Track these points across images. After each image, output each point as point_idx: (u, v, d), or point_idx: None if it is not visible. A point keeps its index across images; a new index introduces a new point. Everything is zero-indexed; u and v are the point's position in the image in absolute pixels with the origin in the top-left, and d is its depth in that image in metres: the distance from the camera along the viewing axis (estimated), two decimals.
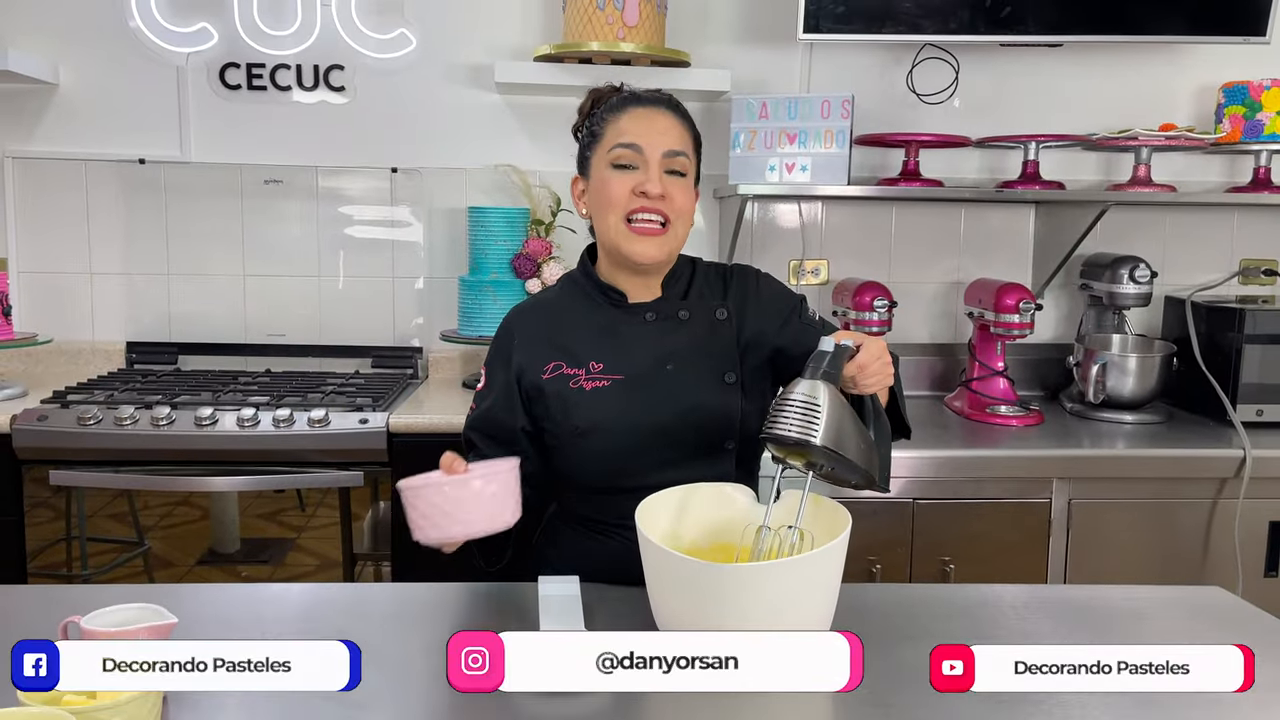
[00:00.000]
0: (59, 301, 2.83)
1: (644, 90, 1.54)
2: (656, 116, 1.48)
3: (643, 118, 1.47)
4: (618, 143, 1.46)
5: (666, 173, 1.46)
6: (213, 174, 2.81)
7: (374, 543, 2.37)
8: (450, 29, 2.79)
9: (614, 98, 1.53)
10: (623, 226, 1.45)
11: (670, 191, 1.45)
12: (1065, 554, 2.29)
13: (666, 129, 1.47)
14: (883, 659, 1.23)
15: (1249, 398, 2.51)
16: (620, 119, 1.48)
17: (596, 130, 1.50)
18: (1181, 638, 1.31)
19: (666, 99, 1.52)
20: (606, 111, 1.50)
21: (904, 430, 1.47)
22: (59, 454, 2.25)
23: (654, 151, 1.45)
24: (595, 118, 1.52)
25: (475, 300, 2.66)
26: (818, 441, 1.17)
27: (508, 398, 1.50)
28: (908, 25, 2.61)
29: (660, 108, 1.50)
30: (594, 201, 1.50)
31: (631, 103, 1.50)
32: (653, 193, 1.43)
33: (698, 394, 1.47)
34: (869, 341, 1.27)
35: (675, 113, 1.51)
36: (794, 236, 2.88)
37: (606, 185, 1.46)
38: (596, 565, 1.49)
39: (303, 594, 1.43)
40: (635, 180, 1.45)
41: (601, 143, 1.49)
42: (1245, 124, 2.67)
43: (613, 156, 1.46)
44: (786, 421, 1.18)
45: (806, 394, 1.19)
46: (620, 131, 1.46)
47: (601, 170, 1.48)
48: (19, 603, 1.39)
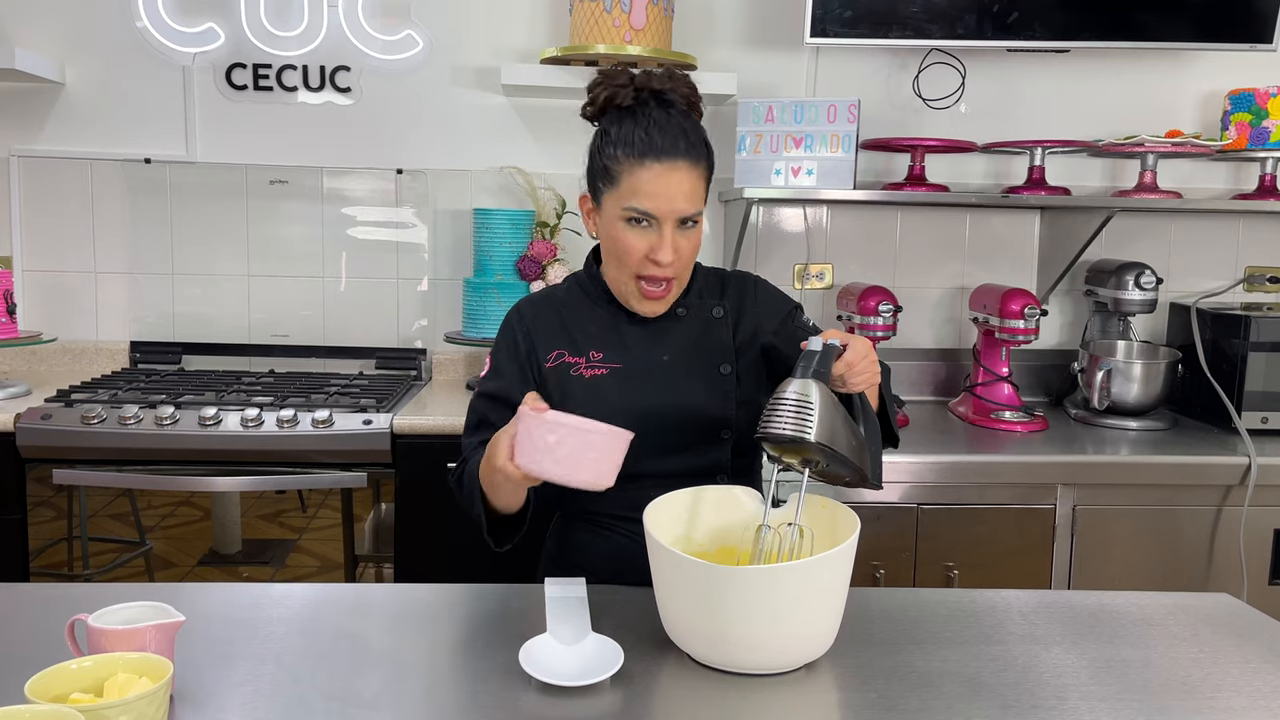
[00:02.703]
0: (64, 300, 2.83)
1: (660, 135, 1.42)
2: (673, 175, 1.42)
3: (661, 178, 1.41)
4: (634, 204, 1.42)
5: (679, 224, 1.44)
6: (218, 174, 2.81)
7: (376, 544, 2.37)
8: (457, 31, 2.79)
9: (635, 144, 1.43)
10: (632, 285, 1.47)
11: (680, 246, 1.44)
12: (1069, 560, 2.29)
13: (682, 191, 1.42)
14: (890, 663, 1.23)
15: (1254, 405, 2.50)
16: (637, 173, 1.41)
17: (611, 170, 1.44)
18: (1191, 645, 1.30)
19: (685, 146, 1.43)
20: (622, 149, 1.43)
21: (892, 439, 1.48)
22: (62, 453, 2.25)
23: (669, 218, 1.42)
24: (609, 146, 1.45)
25: (480, 302, 2.65)
26: (812, 438, 1.19)
27: (521, 380, 1.51)
28: (914, 30, 2.61)
29: (678, 160, 1.42)
30: (605, 242, 1.50)
31: (650, 155, 1.41)
32: (664, 261, 1.42)
33: (693, 383, 1.50)
34: (855, 340, 1.30)
35: (692, 161, 1.44)
36: (799, 241, 2.88)
37: (620, 240, 1.45)
38: (602, 562, 1.50)
39: (307, 594, 1.42)
40: (649, 243, 1.43)
41: (616, 189, 1.44)
42: (1251, 131, 2.67)
43: (627, 214, 1.43)
44: (781, 420, 1.21)
45: (799, 392, 1.22)
46: (635, 191, 1.41)
47: (613, 218, 1.45)
48: (23, 601, 1.38)
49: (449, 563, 2.30)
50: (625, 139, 1.43)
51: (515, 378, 1.52)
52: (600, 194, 1.48)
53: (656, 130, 1.43)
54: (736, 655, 1.17)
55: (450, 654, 1.25)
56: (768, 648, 1.16)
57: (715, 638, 1.17)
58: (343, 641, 1.27)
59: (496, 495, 1.39)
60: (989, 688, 1.17)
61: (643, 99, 1.47)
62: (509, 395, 1.48)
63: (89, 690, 0.99)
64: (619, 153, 1.43)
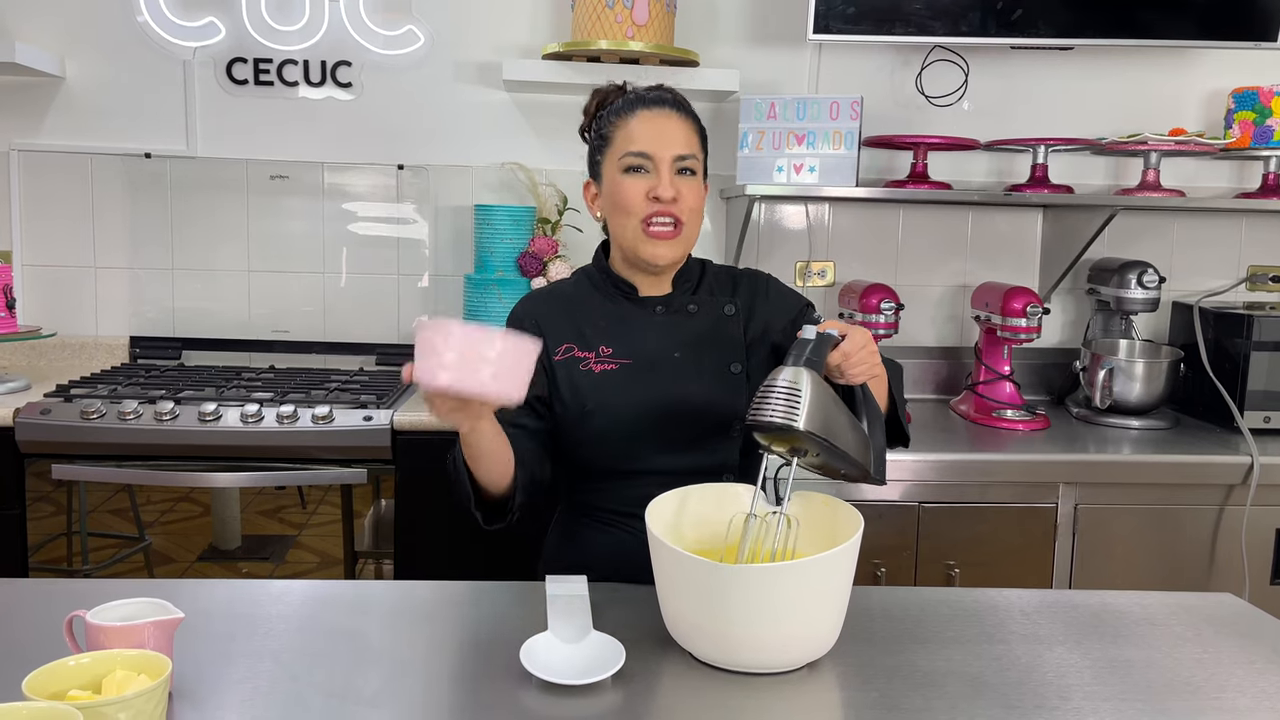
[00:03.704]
0: (63, 295, 2.82)
1: (648, 89, 1.55)
2: (664, 120, 1.50)
3: (650, 121, 1.49)
4: (628, 150, 1.48)
5: (677, 173, 1.49)
6: (218, 169, 2.80)
7: (375, 541, 2.37)
8: (458, 26, 2.78)
9: (619, 99, 1.54)
10: (639, 231, 1.49)
11: (682, 192, 1.48)
12: (1071, 559, 2.29)
13: (674, 132, 1.50)
14: (893, 662, 1.22)
15: (1256, 404, 2.50)
16: (629, 123, 1.50)
17: (605, 134, 1.52)
18: (1195, 645, 1.30)
19: (671, 98, 1.53)
20: (613, 115, 1.52)
21: (903, 438, 1.49)
22: (61, 448, 2.24)
23: (664, 156, 1.48)
24: (602, 120, 1.54)
25: (480, 298, 2.65)
26: (800, 426, 1.17)
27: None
28: (918, 27, 2.60)
29: (666, 109, 1.51)
30: (608, 205, 1.53)
31: (638, 105, 1.51)
32: (665, 197, 1.46)
33: (703, 380, 1.51)
34: (853, 330, 1.29)
35: (681, 112, 1.53)
36: (801, 238, 2.87)
37: (620, 190, 1.49)
38: (604, 558, 1.49)
39: (306, 590, 1.42)
40: (648, 185, 1.48)
41: (611, 148, 1.51)
42: (1255, 129, 2.66)
43: (624, 163, 1.49)
44: (769, 407, 1.19)
45: (788, 380, 1.20)
46: (630, 138, 1.49)
47: (613, 175, 1.51)
48: (22, 596, 1.38)
49: (449, 560, 2.29)
50: (615, 106, 1.53)
51: None
52: (600, 166, 1.53)
53: (645, 92, 1.54)
54: (739, 654, 1.17)
55: (450, 652, 1.25)
56: (770, 647, 1.16)
57: (717, 636, 1.16)
58: (342, 639, 1.26)
59: (476, 462, 1.37)
60: (992, 687, 1.16)
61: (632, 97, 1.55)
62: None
63: (87, 687, 0.98)
64: (612, 116, 1.52)
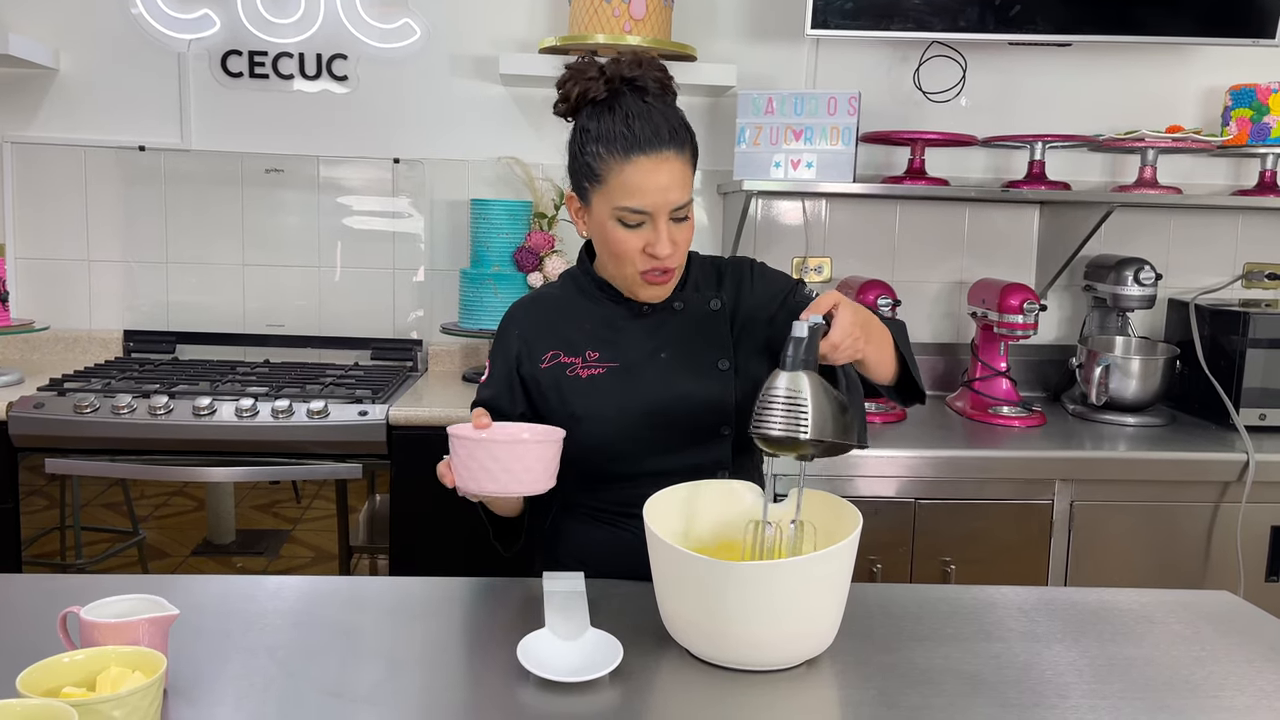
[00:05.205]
0: (57, 288, 2.81)
1: (641, 126, 1.38)
2: (662, 167, 1.38)
3: (649, 174, 1.37)
4: (624, 204, 1.38)
5: (672, 220, 1.41)
6: (213, 162, 2.79)
7: (370, 536, 2.36)
8: (455, 20, 2.77)
9: (617, 139, 1.38)
10: (635, 277, 1.44)
11: (677, 240, 1.42)
12: (1066, 556, 2.29)
13: (672, 180, 1.38)
14: (891, 659, 1.22)
15: (1252, 402, 2.50)
16: (624, 170, 1.37)
17: (596, 170, 1.40)
18: (1193, 643, 1.30)
19: (668, 134, 1.39)
20: (604, 148, 1.38)
21: (919, 396, 1.50)
22: (55, 442, 2.23)
23: (663, 210, 1.39)
24: (591, 150, 1.40)
25: (476, 293, 2.64)
26: (806, 437, 1.19)
27: (508, 387, 1.52)
28: (916, 23, 2.59)
29: (664, 151, 1.38)
30: (598, 240, 1.47)
31: (634, 150, 1.37)
32: (662, 254, 1.40)
33: (691, 380, 1.49)
34: (840, 313, 1.26)
35: (677, 148, 1.40)
36: (798, 234, 2.87)
37: (614, 239, 1.41)
38: (603, 556, 1.49)
39: (302, 587, 1.41)
40: (644, 239, 1.40)
41: (604, 188, 1.40)
42: (1252, 127, 2.66)
43: (619, 215, 1.40)
44: (773, 420, 1.20)
45: (790, 389, 1.20)
46: (626, 191, 1.38)
47: (605, 218, 1.42)
48: (15, 592, 1.37)
49: (444, 555, 2.28)
50: (606, 135, 1.39)
51: (504, 386, 1.52)
52: (588, 193, 1.44)
53: (637, 122, 1.38)
54: (737, 651, 1.16)
55: (447, 648, 1.24)
56: (768, 644, 1.15)
57: (715, 634, 1.16)
58: (338, 635, 1.26)
59: (491, 503, 1.41)
60: (990, 685, 1.16)
61: (616, 89, 1.42)
62: (499, 405, 1.49)
63: (81, 684, 0.97)
64: (602, 150, 1.39)
